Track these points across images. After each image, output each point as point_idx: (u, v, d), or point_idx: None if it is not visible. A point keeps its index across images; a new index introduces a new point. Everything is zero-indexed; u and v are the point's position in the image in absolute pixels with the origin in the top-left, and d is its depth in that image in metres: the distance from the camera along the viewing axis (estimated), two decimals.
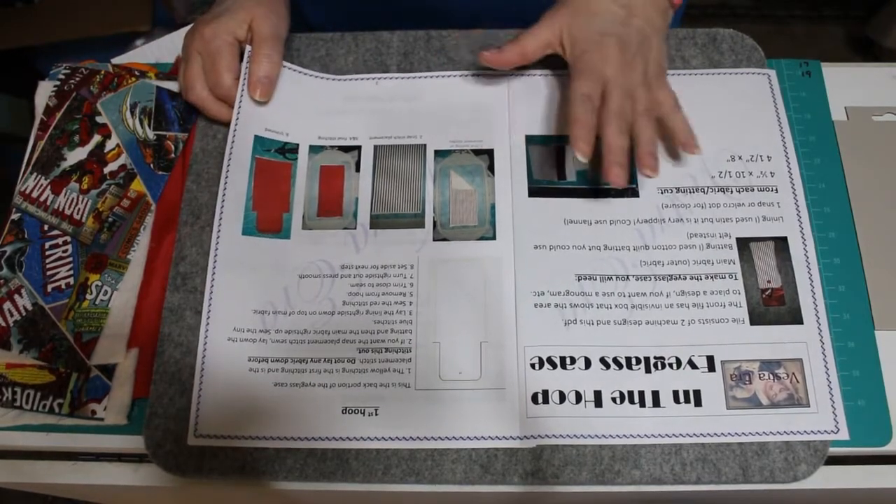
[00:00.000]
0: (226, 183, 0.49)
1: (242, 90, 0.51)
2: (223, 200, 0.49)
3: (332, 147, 0.52)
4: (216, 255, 0.48)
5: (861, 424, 0.45)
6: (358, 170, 0.52)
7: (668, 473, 0.44)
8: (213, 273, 0.48)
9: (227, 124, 0.51)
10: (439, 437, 0.44)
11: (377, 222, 0.50)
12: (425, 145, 0.52)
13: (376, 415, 0.45)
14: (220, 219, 0.49)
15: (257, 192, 0.50)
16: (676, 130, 0.49)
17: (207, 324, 0.46)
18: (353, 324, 0.47)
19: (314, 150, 0.52)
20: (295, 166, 0.52)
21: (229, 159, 0.50)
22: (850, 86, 0.55)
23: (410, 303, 0.48)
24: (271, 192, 0.50)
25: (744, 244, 0.49)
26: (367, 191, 0.51)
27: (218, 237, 0.48)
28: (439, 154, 0.52)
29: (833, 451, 0.44)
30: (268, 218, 0.50)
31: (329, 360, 0.46)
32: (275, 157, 0.51)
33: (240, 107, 0.51)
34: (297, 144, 0.52)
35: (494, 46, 0.51)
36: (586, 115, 0.47)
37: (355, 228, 0.50)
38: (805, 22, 1.64)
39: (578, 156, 0.46)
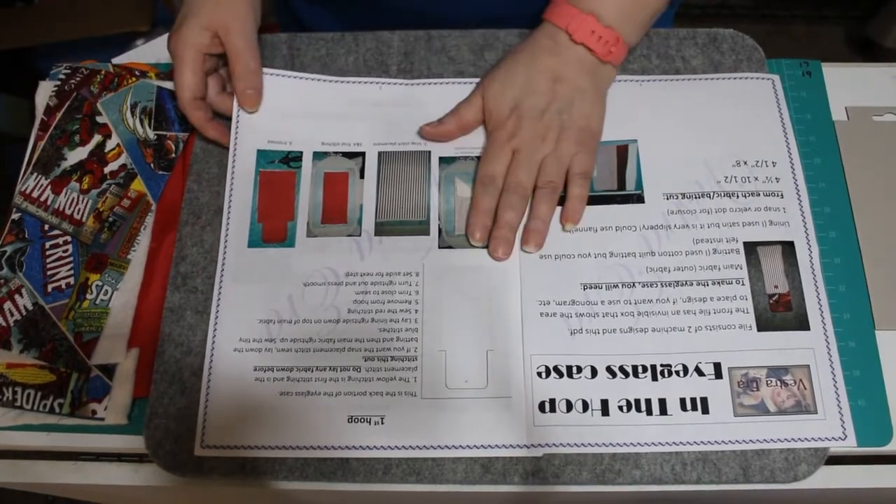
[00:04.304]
0: (230, 198, 0.50)
1: (239, 108, 0.51)
2: (228, 215, 0.49)
3: (336, 153, 0.52)
4: (223, 269, 0.48)
5: (861, 424, 0.45)
6: (362, 176, 0.51)
7: (669, 473, 0.44)
8: (220, 286, 0.48)
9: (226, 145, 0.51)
10: (446, 446, 0.44)
11: (382, 229, 0.50)
12: (430, 152, 0.52)
13: (382, 423, 0.45)
14: (227, 233, 0.49)
15: (262, 204, 0.50)
16: (568, 201, 0.49)
17: (214, 336, 0.46)
18: (359, 332, 0.47)
19: (318, 156, 0.52)
20: (299, 174, 0.51)
21: (232, 176, 0.50)
22: (850, 86, 0.55)
23: (416, 311, 0.47)
24: (276, 203, 0.50)
25: (751, 248, 0.48)
26: (371, 197, 0.51)
27: (224, 251, 0.48)
28: (444, 161, 0.52)
29: (833, 450, 0.44)
30: (273, 228, 0.50)
31: (334, 369, 0.46)
32: (279, 168, 0.51)
33: (237, 124, 0.51)
34: (301, 152, 0.52)
35: (434, 121, 0.51)
36: (485, 200, 0.48)
37: (360, 235, 0.49)
38: (805, 22, 1.65)
39: (472, 241, 0.48)
